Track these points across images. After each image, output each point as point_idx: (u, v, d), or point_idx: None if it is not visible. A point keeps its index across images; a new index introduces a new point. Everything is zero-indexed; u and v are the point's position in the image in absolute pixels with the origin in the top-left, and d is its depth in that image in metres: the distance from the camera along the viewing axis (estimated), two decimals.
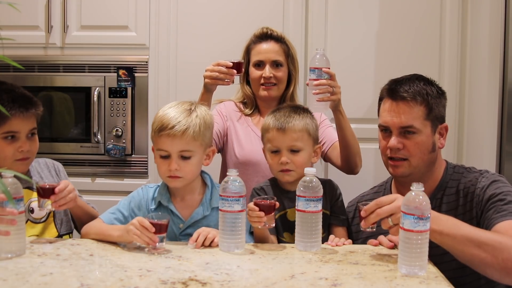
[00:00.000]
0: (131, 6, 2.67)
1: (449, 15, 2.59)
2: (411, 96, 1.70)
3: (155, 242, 1.52)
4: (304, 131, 1.80)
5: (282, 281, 1.32)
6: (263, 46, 2.20)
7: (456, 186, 1.72)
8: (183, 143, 1.66)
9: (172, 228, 1.72)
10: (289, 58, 2.22)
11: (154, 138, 1.70)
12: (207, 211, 1.74)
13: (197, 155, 1.70)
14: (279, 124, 1.80)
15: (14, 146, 1.74)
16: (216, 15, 2.66)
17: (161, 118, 1.68)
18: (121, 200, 1.78)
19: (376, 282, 1.32)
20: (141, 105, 2.69)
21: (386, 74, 2.62)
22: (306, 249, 1.58)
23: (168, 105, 1.73)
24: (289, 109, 1.86)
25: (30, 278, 1.31)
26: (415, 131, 1.69)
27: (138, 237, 1.53)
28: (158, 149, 1.69)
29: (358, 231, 1.83)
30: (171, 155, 1.67)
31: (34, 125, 1.80)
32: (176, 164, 1.66)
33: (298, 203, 1.58)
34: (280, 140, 1.80)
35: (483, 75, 2.45)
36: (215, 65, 2.01)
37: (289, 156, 1.79)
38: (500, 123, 2.38)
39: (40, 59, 2.71)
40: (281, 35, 2.23)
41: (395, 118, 1.71)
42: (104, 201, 2.06)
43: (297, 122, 1.80)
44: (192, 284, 1.28)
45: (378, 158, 2.62)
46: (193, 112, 1.70)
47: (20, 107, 1.73)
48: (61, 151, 2.72)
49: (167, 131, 1.64)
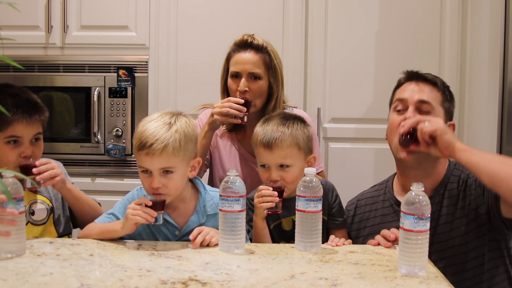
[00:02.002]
0: (131, 6, 2.68)
1: (449, 15, 2.59)
2: (431, 77, 1.74)
3: (153, 216, 1.54)
4: (293, 146, 1.72)
5: (282, 281, 1.32)
6: (242, 56, 2.03)
7: (457, 181, 1.72)
8: (163, 161, 1.58)
9: (168, 236, 1.70)
10: (270, 70, 2.03)
11: (135, 154, 1.64)
12: (202, 219, 1.70)
13: (180, 170, 1.63)
14: (265, 141, 1.72)
15: (17, 151, 1.74)
16: (216, 15, 2.66)
17: (140, 135, 1.61)
18: (116, 204, 1.77)
19: (376, 282, 1.32)
20: (141, 105, 2.69)
21: (386, 74, 2.64)
22: (306, 249, 1.58)
23: (150, 118, 1.66)
24: (278, 120, 1.76)
25: (30, 278, 1.31)
26: (430, 110, 1.69)
27: (136, 216, 1.54)
28: (139, 166, 1.64)
29: (360, 229, 1.83)
30: (152, 173, 1.60)
31: (39, 130, 1.79)
32: (158, 181, 1.59)
33: (298, 203, 1.58)
34: (268, 158, 1.73)
35: (483, 75, 2.45)
36: (225, 102, 1.94)
37: (278, 173, 1.71)
38: (500, 123, 2.38)
39: (40, 59, 2.71)
40: (262, 44, 2.03)
41: (412, 93, 1.71)
42: (104, 201, 2.05)
43: (285, 137, 1.71)
44: (192, 284, 1.28)
45: (378, 158, 2.64)
46: (173, 126, 1.61)
47: (24, 113, 1.72)
48: (61, 151, 2.72)
49: (145, 149, 1.57)
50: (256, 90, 2.01)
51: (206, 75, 2.64)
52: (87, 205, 1.88)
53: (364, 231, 1.81)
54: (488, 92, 2.41)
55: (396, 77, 2.04)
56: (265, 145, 1.72)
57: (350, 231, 1.85)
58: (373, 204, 1.84)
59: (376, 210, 1.82)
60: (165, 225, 1.68)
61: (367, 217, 1.83)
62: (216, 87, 2.19)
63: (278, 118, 1.78)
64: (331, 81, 2.62)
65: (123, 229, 1.60)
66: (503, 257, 1.68)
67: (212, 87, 2.63)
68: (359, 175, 2.26)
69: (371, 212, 1.83)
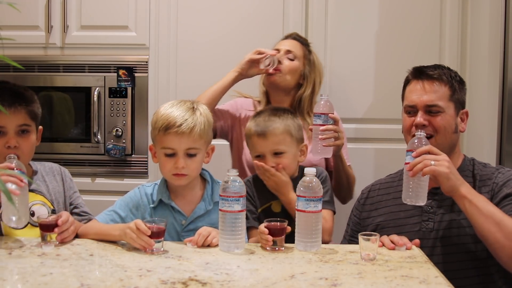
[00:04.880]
0: (131, 6, 2.67)
1: (449, 15, 2.59)
2: (437, 75, 1.79)
3: (150, 246, 1.52)
4: (285, 133, 1.81)
5: (282, 281, 1.32)
6: (285, 41, 2.29)
7: (472, 176, 1.77)
8: (190, 141, 1.67)
9: (174, 225, 1.73)
10: (307, 59, 2.24)
11: (158, 136, 1.70)
12: (209, 206, 1.75)
13: (201, 152, 1.72)
14: (259, 130, 1.81)
15: (1, 142, 1.72)
16: (216, 15, 2.66)
17: (166, 116, 1.67)
18: (117, 201, 1.78)
19: (376, 282, 1.32)
20: (141, 105, 2.69)
21: (386, 74, 2.64)
22: (306, 249, 1.58)
23: (168, 105, 1.73)
24: (269, 112, 1.87)
25: (30, 278, 1.31)
26: (440, 110, 1.75)
27: (134, 241, 1.53)
28: (164, 147, 1.68)
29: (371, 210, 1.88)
30: (178, 153, 1.67)
31: (25, 121, 1.75)
32: (183, 161, 1.67)
33: (298, 203, 1.59)
34: (263, 145, 1.81)
35: (483, 75, 2.45)
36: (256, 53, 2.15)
37: (273, 160, 1.80)
38: (500, 123, 2.38)
39: (40, 59, 2.71)
40: (305, 40, 2.31)
41: (421, 96, 1.77)
42: (104, 201, 2.06)
43: (277, 125, 1.81)
44: (192, 284, 1.28)
45: (378, 158, 2.64)
46: (197, 111, 1.71)
47: (4, 101, 1.69)
48: (61, 151, 2.71)
49: (175, 128, 1.65)
50: (287, 65, 2.19)
51: (206, 75, 2.64)
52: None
53: (375, 212, 1.87)
54: (488, 92, 2.41)
55: (396, 77, 2.06)
56: (259, 134, 1.81)
57: (362, 212, 1.90)
58: (387, 188, 1.91)
59: (388, 194, 1.88)
60: (172, 213, 1.72)
61: (378, 200, 1.89)
62: None
63: (269, 110, 1.90)
64: (331, 81, 2.62)
65: (120, 238, 1.61)
66: None
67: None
68: (359, 175, 2.25)
69: (384, 195, 1.89)
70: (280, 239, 1.58)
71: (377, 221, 1.83)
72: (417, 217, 1.76)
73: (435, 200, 1.75)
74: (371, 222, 1.85)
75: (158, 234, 1.54)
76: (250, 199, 1.84)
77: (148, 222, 1.56)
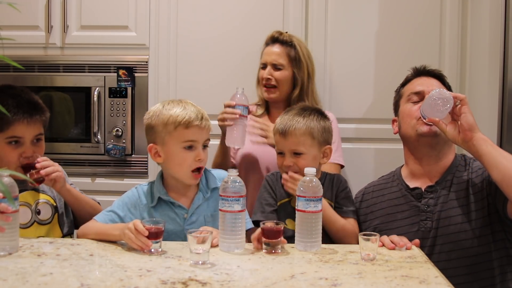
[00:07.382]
0: (131, 6, 2.67)
1: (449, 15, 2.59)
2: (438, 72, 1.92)
3: (148, 247, 1.52)
4: (306, 135, 1.81)
5: (282, 281, 1.32)
6: (268, 49, 2.30)
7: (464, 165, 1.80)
8: (207, 133, 1.76)
9: (177, 220, 1.74)
10: (294, 61, 2.26)
11: (176, 132, 1.71)
12: (206, 194, 1.79)
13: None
14: (281, 128, 1.84)
15: (18, 151, 1.75)
16: (216, 15, 2.66)
17: (183, 113, 1.71)
18: (115, 201, 1.79)
19: (376, 282, 1.32)
20: (141, 105, 2.69)
21: (386, 74, 2.64)
22: (306, 249, 1.58)
23: (169, 105, 1.74)
24: (296, 111, 1.87)
25: (30, 278, 1.31)
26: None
27: (132, 241, 1.54)
28: (186, 141, 1.71)
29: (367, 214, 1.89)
30: (197, 146, 1.73)
31: (40, 131, 1.81)
32: (203, 153, 1.74)
33: (298, 203, 1.59)
34: (283, 144, 1.84)
35: (483, 75, 2.45)
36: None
37: (292, 159, 1.81)
38: (500, 123, 2.38)
39: (40, 59, 2.71)
40: (287, 39, 2.29)
41: (428, 86, 1.83)
42: (104, 201, 2.05)
43: (299, 125, 1.81)
44: (192, 284, 1.28)
45: (378, 158, 2.64)
46: (197, 107, 1.77)
47: (25, 113, 1.74)
48: (61, 151, 2.71)
49: (198, 121, 1.71)
50: (278, 78, 2.26)
51: (206, 75, 2.64)
52: (87, 205, 1.88)
53: (371, 215, 1.88)
54: (488, 92, 2.41)
55: (396, 77, 2.05)
56: (281, 132, 1.84)
57: (358, 216, 1.90)
58: (381, 190, 1.91)
59: (383, 195, 1.89)
60: (172, 209, 1.75)
61: (374, 203, 1.90)
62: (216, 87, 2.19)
63: (297, 108, 1.90)
64: (331, 81, 2.62)
65: (120, 238, 1.62)
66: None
67: (212, 87, 2.63)
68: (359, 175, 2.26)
69: (378, 197, 1.90)
70: (276, 241, 1.56)
71: (375, 224, 1.83)
72: (415, 217, 1.76)
73: (431, 198, 1.75)
74: (368, 225, 1.85)
75: (156, 235, 1.54)
76: (270, 192, 1.87)
77: (146, 223, 1.56)
